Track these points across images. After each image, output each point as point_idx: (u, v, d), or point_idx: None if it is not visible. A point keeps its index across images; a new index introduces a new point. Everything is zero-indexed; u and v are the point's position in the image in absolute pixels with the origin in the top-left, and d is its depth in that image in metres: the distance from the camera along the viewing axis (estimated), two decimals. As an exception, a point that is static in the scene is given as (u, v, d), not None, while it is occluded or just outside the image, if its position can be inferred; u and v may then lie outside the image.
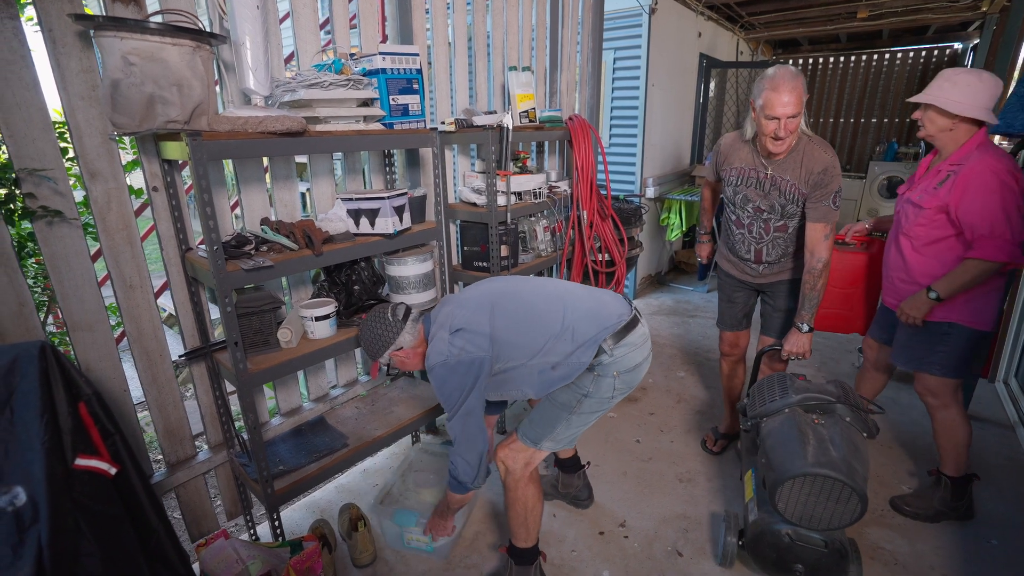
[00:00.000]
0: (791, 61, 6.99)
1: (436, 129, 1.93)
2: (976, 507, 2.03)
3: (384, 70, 1.73)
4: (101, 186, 1.44)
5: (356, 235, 1.77)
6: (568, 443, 1.62)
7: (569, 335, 1.49)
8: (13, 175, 1.31)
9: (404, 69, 1.78)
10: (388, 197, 1.73)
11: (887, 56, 6.51)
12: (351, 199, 1.76)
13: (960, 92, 1.67)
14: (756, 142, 1.90)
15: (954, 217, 1.71)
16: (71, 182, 1.41)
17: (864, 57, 6.65)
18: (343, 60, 1.67)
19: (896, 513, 2.05)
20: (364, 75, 1.72)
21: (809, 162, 1.81)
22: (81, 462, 0.99)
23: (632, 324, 1.56)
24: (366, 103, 1.74)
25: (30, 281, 2.24)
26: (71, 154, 1.42)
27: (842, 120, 6.98)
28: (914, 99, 1.80)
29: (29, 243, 1.90)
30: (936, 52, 6.17)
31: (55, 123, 1.36)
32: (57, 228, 1.37)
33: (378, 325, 1.55)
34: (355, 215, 1.77)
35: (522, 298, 1.56)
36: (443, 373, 1.44)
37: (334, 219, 1.74)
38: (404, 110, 1.82)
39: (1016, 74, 2.61)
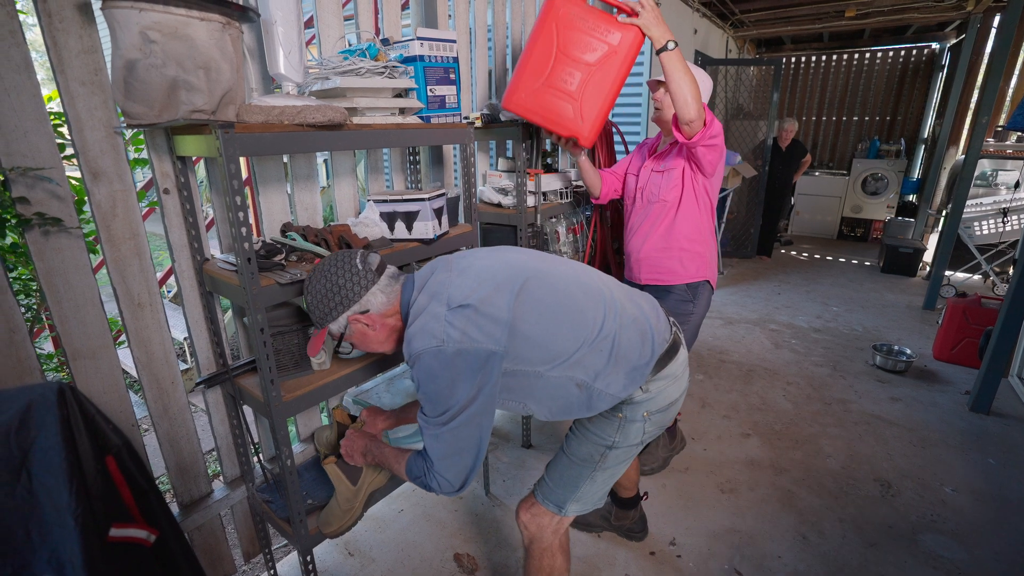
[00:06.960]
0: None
1: (472, 124, 1.76)
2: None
3: (422, 57, 1.55)
4: (105, 188, 1.22)
5: (393, 241, 1.59)
6: (597, 503, 1.32)
7: (607, 348, 1.11)
8: (2, 176, 1.08)
9: (442, 57, 1.61)
10: (429, 198, 1.55)
11: (868, 55, 6.64)
12: (385, 201, 1.58)
13: (703, 83, 1.84)
14: None
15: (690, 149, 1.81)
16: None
17: (846, 56, 6.78)
18: (377, 45, 1.48)
19: (949, 517, 2.00)
20: (401, 62, 1.54)
21: None
22: (116, 532, 0.80)
23: (674, 348, 1.21)
24: (400, 94, 1.56)
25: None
26: (68, 151, 1.20)
27: (824, 118, 7.09)
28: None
29: (10, 256, 1.62)
30: (915, 52, 6.33)
31: (50, 113, 1.14)
32: (55, 239, 1.15)
33: (339, 272, 1.06)
34: (390, 218, 1.59)
35: (556, 283, 1.13)
36: (434, 365, 0.99)
37: (368, 223, 1.56)
38: (441, 102, 1.65)
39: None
